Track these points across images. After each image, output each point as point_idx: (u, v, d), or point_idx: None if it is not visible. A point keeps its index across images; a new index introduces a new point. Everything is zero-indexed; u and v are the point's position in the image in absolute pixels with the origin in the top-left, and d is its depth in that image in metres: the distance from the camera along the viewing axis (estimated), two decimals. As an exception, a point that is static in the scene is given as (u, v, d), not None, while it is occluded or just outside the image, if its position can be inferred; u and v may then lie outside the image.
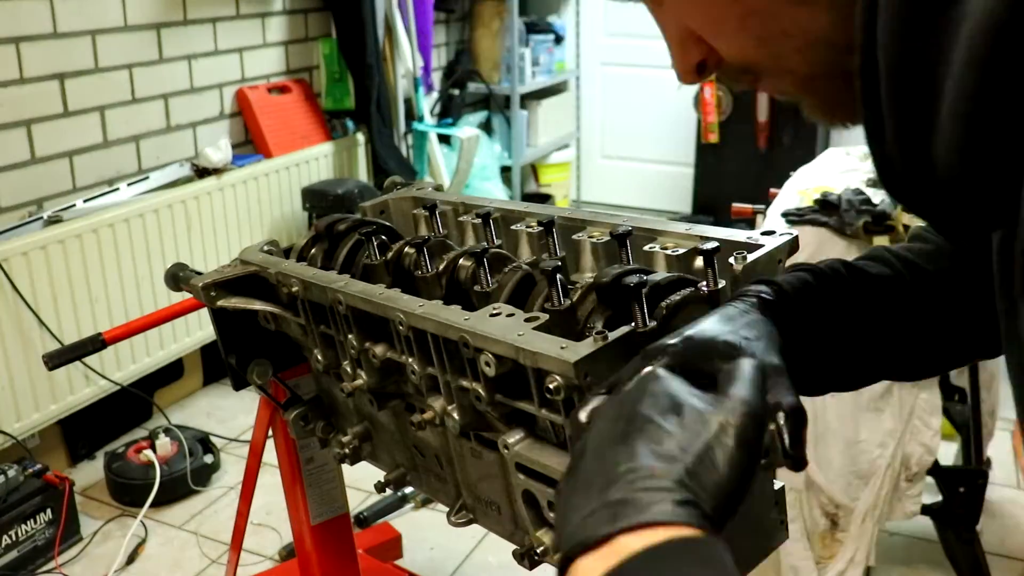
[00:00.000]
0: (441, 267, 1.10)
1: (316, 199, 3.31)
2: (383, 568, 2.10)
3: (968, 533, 2.12)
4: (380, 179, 3.68)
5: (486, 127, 4.56)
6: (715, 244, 0.88)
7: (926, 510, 2.13)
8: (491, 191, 4.23)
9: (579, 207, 5.43)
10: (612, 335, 0.80)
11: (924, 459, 2.01)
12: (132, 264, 2.80)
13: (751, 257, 0.92)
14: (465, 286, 1.09)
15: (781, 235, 0.97)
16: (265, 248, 1.33)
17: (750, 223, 2.34)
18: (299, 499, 1.59)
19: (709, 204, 4.50)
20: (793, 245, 0.97)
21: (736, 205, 2.30)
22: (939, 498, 2.17)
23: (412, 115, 3.91)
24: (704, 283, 0.88)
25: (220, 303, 1.27)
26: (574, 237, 1.12)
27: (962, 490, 2.09)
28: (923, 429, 1.99)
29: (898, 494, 2.05)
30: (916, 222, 1.90)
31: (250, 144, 3.38)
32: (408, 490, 2.58)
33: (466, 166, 3.90)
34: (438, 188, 1.48)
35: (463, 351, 0.90)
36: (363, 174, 3.74)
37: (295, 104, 3.50)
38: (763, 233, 0.98)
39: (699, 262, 1.00)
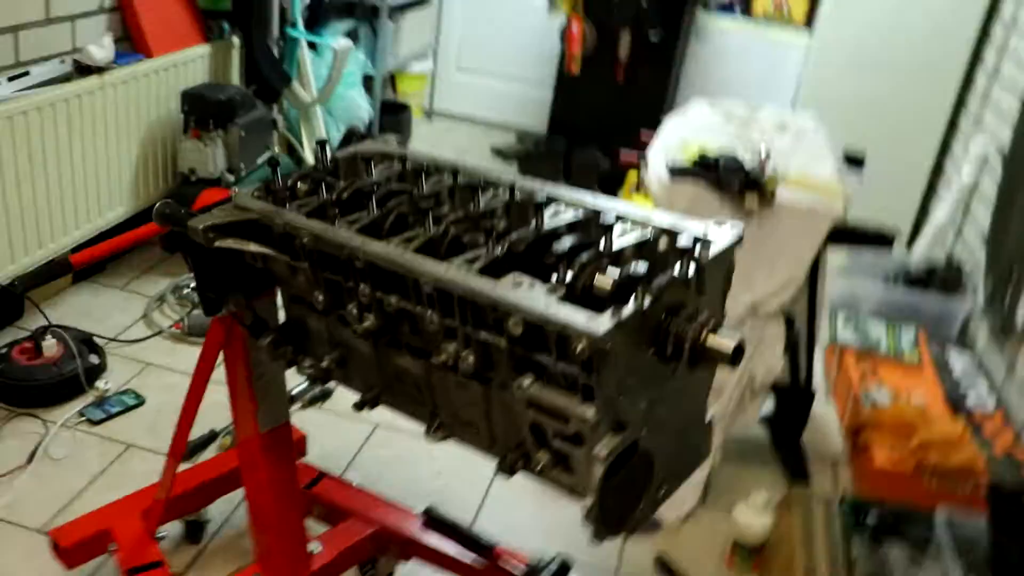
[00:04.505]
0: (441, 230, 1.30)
1: (195, 103, 3.31)
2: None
3: (796, 440, 2.54)
4: (254, 86, 3.70)
5: (352, 36, 4.60)
6: (689, 242, 1.13)
7: (763, 419, 2.52)
8: (355, 98, 4.32)
9: (432, 117, 5.58)
10: (624, 313, 1.05)
11: (767, 378, 2.39)
12: (13, 165, 2.76)
13: (712, 251, 1.18)
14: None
15: (731, 228, 1.23)
16: (255, 193, 1.47)
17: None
18: (249, 410, 1.76)
19: (565, 128, 4.77)
20: (740, 238, 1.24)
21: (626, 154, 2.56)
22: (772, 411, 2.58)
23: (285, 20, 3.92)
24: (682, 269, 1.14)
25: (218, 243, 1.41)
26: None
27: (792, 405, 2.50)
28: (769, 353, 2.36)
29: (742, 406, 2.42)
30: (784, 187, 2.23)
31: (128, 41, 3.32)
32: (294, 392, 2.77)
33: (337, 76, 3.98)
34: (400, 142, 1.66)
35: (490, 312, 1.12)
36: (236, 79, 3.74)
37: (174, 1, 3.46)
38: (716, 223, 1.25)
39: (663, 244, 1.25)
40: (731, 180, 2.20)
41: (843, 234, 2.27)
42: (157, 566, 1.94)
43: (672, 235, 1.25)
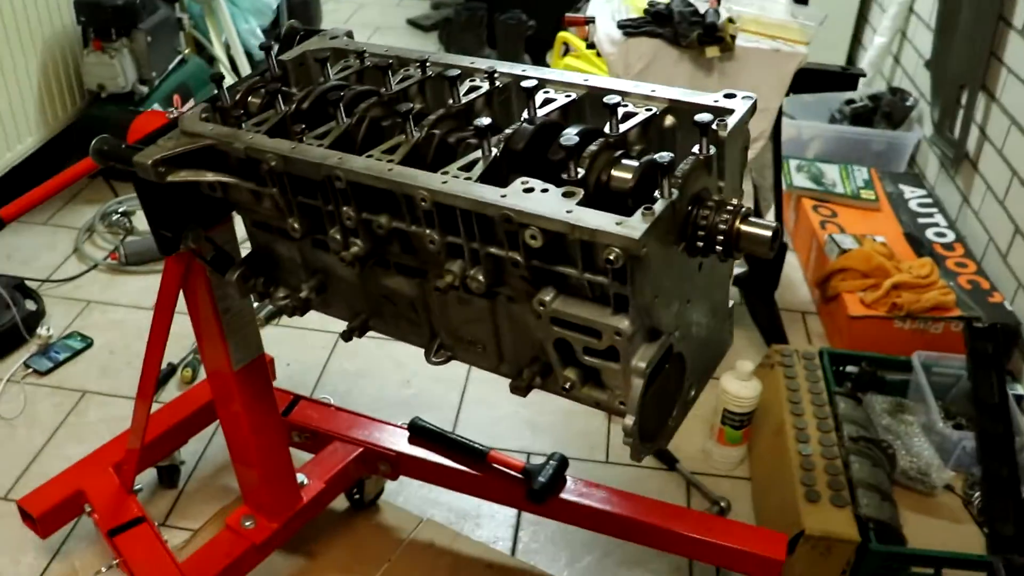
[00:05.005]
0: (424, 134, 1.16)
1: (92, 11, 3.03)
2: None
3: (769, 297, 2.50)
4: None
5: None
6: (709, 117, 1.02)
7: (736, 280, 2.47)
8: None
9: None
10: (657, 209, 0.94)
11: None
12: None
13: (731, 123, 1.07)
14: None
15: (744, 98, 1.12)
16: (203, 115, 1.31)
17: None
18: (220, 349, 1.63)
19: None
20: (755, 106, 1.13)
21: (570, 15, 2.40)
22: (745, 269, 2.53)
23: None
24: (700, 150, 1.03)
25: (170, 178, 1.26)
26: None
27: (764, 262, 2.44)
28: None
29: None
30: (742, 33, 2.11)
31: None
32: (260, 315, 2.63)
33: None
34: (348, 35, 1.49)
35: (503, 225, 1.00)
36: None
37: None
38: (726, 95, 1.13)
39: (668, 121, 1.14)
40: (688, 31, 2.07)
41: (808, 77, 2.17)
42: (139, 522, 1.84)
43: (679, 109, 1.13)
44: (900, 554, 1.87)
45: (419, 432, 2.00)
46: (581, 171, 1.03)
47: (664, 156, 0.96)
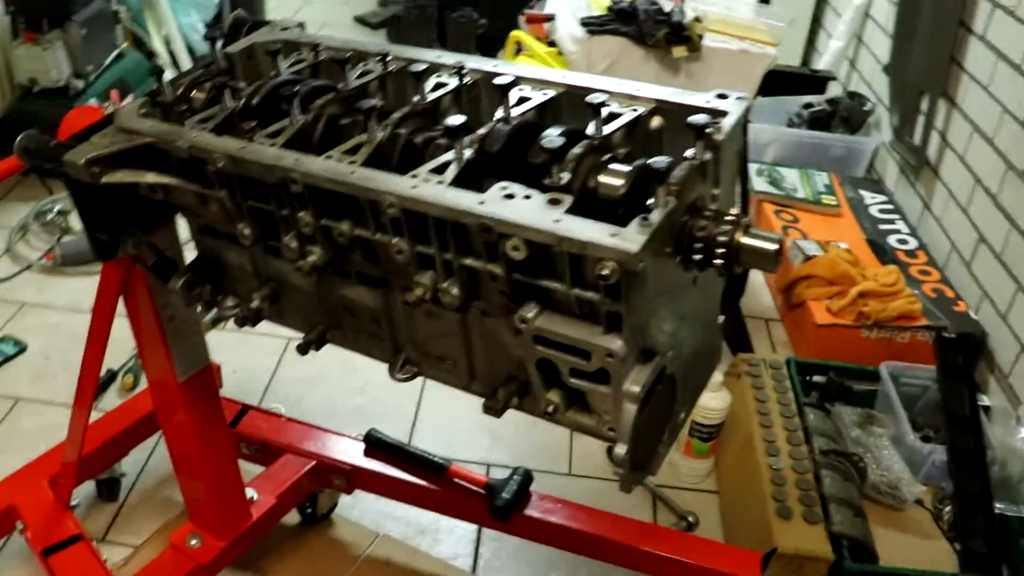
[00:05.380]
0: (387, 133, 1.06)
1: (22, 1, 2.87)
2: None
3: (735, 307, 2.44)
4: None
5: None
6: (705, 118, 0.93)
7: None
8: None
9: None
10: (654, 219, 0.85)
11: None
12: None
13: (726, 126, 0.99)
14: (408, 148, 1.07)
15: (738, 99, 1.04)
16: (141, 110, 1.19)
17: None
18: (164, 359, 1.52)
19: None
20: (749, 108, 1.05)
21: (529, 12, 2.31)
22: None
23: None
24: (695, 155, 0.95)
25: (105, 179, 1.14)
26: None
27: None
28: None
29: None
30: (709, 33, 2.04)
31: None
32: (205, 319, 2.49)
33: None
34: (300, 26, 1.39)
35: (481, 235, 0.91)
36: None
37: None
38: (718, 96, 1.05)
39: (655, 122, 1.05)
40: (654, 29, 2.00)
41: (777, 79, 2.11)
42: (76, 540, 1.71)
43: (667, 110, 1.05)
44: (874, 572, 1.82)
45: (375, 444, 1.90)
46: (565, 176, 0.93)
47: (660, 161, 0.87)
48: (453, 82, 1.15)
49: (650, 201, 0.90)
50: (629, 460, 0.94)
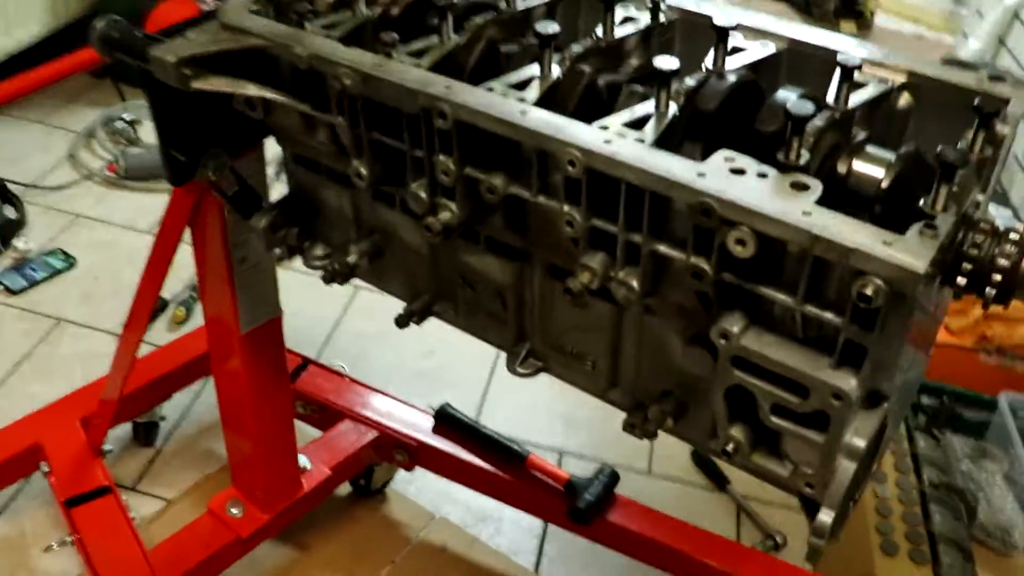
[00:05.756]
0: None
1: None
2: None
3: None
4: None
5: None
6: (993, 104, 0.71)
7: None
8: None
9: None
10: (942, 230, 0.63)
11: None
12: None
13: (1013, 117, 0.76)
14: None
15: (1017, 84, 0.81)
16: (253, 7, 0.97)
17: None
18: (228, 304, 1.32)
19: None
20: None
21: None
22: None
23: None
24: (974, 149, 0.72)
25: (197, 85, 0.93)
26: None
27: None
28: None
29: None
30: (880, 12, 1.79)
31: None
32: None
33: None
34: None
35: (694, 218, 0.69)
36: None
37: None
38: (991, 78, 0.82)
39: (903, 101, 0.83)
40: (823, 0, 1.76)
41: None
42: (103, 493, 1.53)
43: (922, 87, 0.81)
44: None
45: (447, 421, 1.71)
46: (804, 155, 0.71)
47: (950, 152, 0.64)
48: (644, 18, 0.92)
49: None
50: (831, 529, 0.72)
